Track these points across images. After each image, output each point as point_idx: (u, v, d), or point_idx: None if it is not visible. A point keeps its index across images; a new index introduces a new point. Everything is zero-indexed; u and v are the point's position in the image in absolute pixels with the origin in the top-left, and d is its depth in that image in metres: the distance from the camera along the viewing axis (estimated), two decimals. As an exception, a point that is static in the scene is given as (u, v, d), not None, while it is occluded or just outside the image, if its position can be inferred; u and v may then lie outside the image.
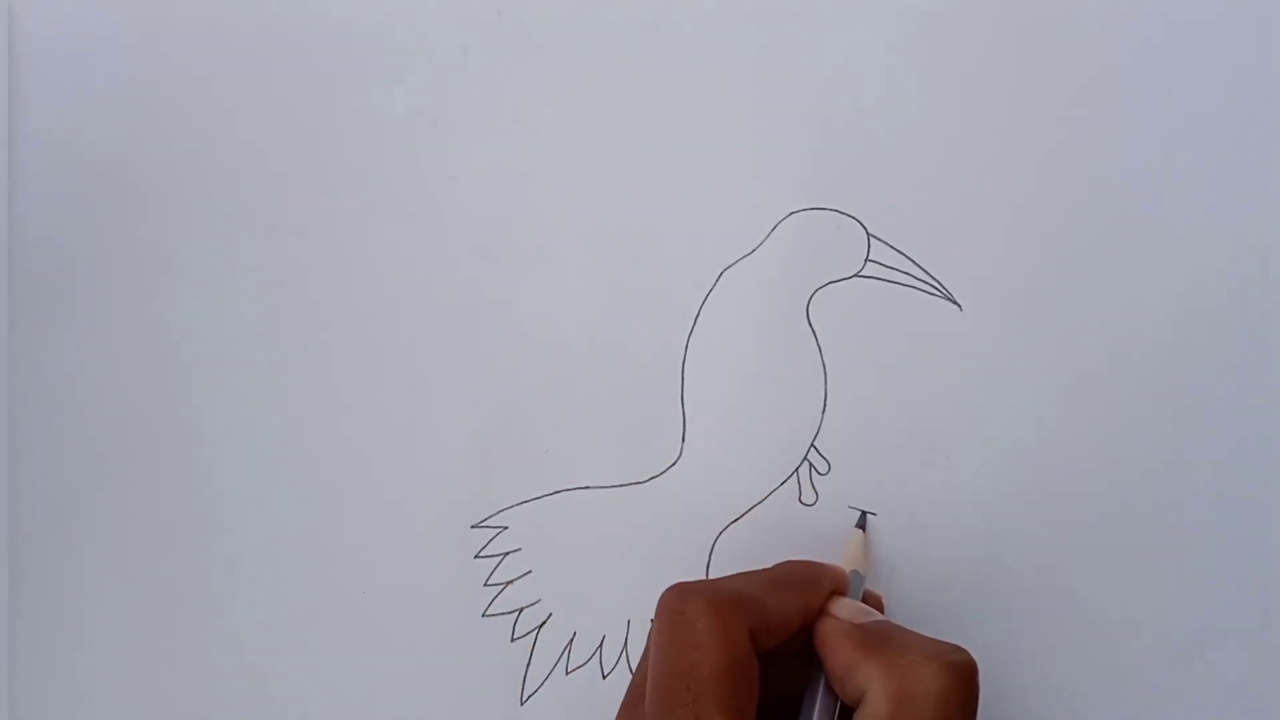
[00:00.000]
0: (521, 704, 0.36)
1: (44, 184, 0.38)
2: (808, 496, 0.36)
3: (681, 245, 0.36)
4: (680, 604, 0.28)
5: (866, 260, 0.36)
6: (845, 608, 0.30)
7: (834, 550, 0.35)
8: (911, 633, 0.29)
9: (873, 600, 0.34)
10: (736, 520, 0.36)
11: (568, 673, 0.36)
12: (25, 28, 0.38)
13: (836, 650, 0.29)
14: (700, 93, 0.36)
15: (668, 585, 0.29)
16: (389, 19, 0.37)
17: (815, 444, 0.36)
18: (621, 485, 0.36)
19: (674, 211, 0.36)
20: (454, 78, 0.37)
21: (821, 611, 0.30)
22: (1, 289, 0.38)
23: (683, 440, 0.36)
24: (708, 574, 0.36)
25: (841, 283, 0.36)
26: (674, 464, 0.36)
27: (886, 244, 0.36)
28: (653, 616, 0.29)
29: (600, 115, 0.36)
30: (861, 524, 0.35)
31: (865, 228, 0.36)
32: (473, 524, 0.36)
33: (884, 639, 0.28)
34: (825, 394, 0.36)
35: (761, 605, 0.29)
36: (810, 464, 0.36)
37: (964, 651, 0.28)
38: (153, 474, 0.37)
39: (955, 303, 0.36)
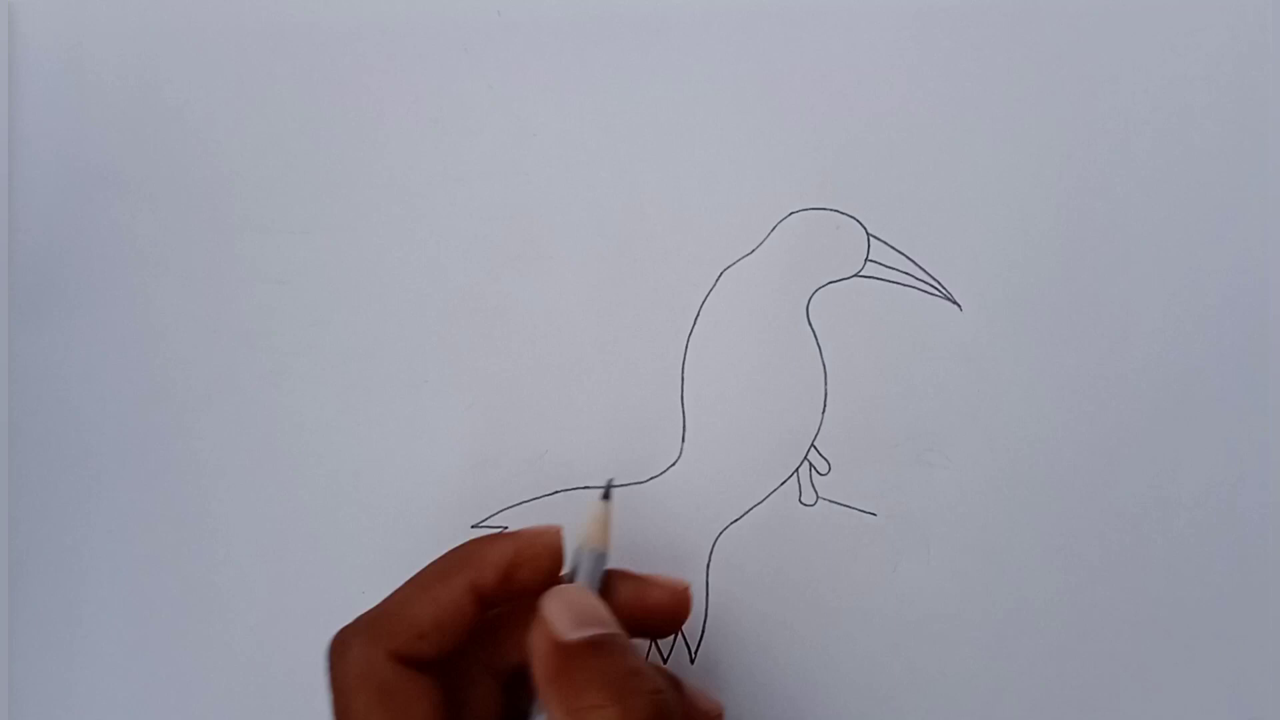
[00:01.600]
0: (521, 704, 0.36)
1: (44, 185, 0.38)
2: (808, 496, 0.36)
3: (681, 245, 0.36)
4: (331, 648, 0.27)
5: (866, 260, 0.36)
6: (556, 607, 0.26)
7: (833, 550, 0.35)
8: (617, 657, 0.25)
9: (626, 588, 0.29)
10: (736, 520, 0.36)
11: (568, 673, 0.36)
12: (25, 28, 0.38)
13: (535, 669, 0.25)
14: (700, 93, 0.36)
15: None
16: (389, 19, 0.37)
17: (815, 444, 0.36)
18: (621, 485, 0.36)
19: (674, 211, 0.36)
20: (454, 77, 0.37)
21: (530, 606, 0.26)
22: (1, 289, 0.38)
23: (683, 440, 0.36)
24: (707, 574, 0.36)
25: (841, 283, 0.36)
26: (674, 464, 0.36)
27: (886, 244, 0.36)
28: None
29: (600, 115, 0.36)
30: (606, 493, 0.31)
31: (865, 228, 0.36)
32: (473, 524, 0.36)
33: (572, 667, 0.24)
34: (825, 394, 0.36)
35: (406, 615, 0.27)
36: (810, 464, 0.36)
37: (660, 693, 0.24)
38: (152, 474, 0.37)
39: (955, 303, 0.36)
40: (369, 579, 0.37)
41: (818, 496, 0.36)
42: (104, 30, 0.38)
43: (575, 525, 0.30)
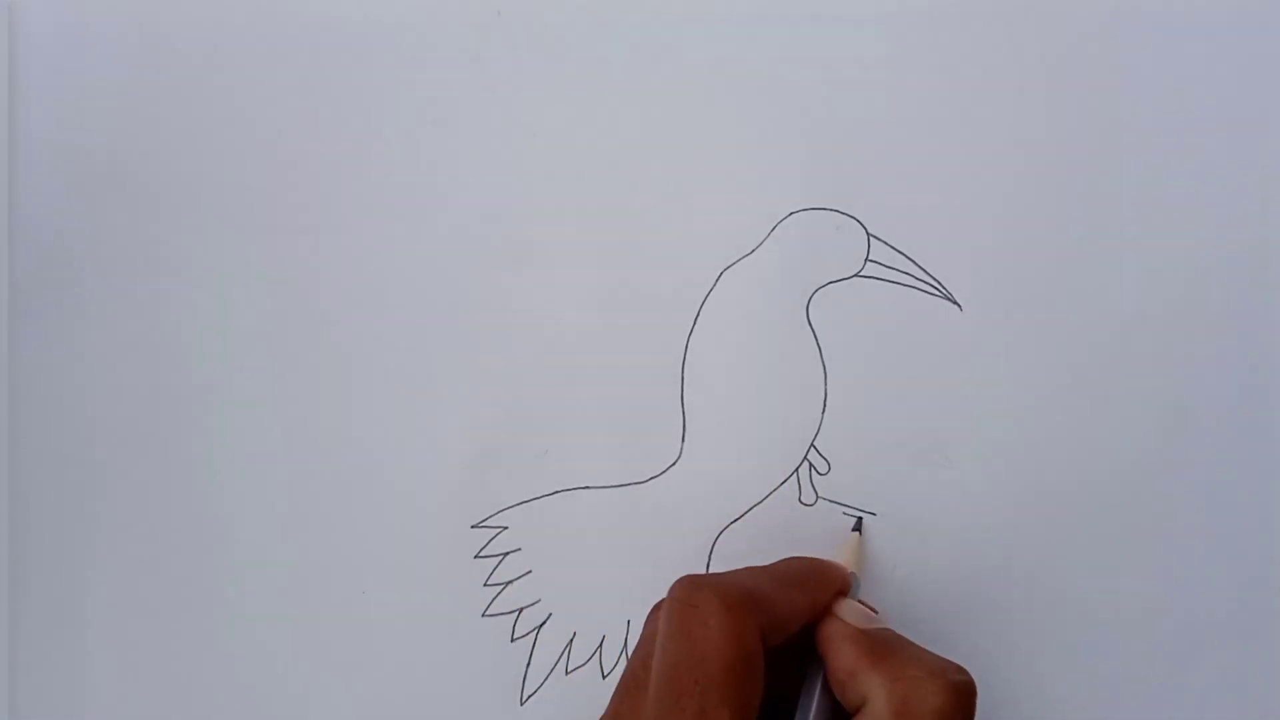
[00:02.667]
0: (521, 704, 0.36)
1: (45, 183, 0.38)
2: (808, 496, 0.36)
3: (681, 245, 0.36)
4: (692, 597, 0.28)
5: (866, 260, 0.36)
6: (851, 610, 0.30)
7: (831, 552, 0.35)
8: (915, 645, 0.29)
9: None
10: (736, 520, 0.36)
11: (568, 673, 0.36)
12: (25, 28, 0.38)
13: (841, 654, 0.29)
14: (701, 93, 0.36)
15: (669, 585, 0.29)
16: (390, 20, 0.37)
17: (815, 444, 0.36)
18: (621, 485, 0.36)
19: (674, 211, 0.36)
20: (455, 78, 0.37)
21: (826, 611, 0.30)
22: (2, 288, 0.38)
23: (683, 440, 0.36)
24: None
25: (841, 283, 0.36)
26: (674, 464, 0.36)
27: (886, 244, 0.36)
28: (659, 604, 0.29)
29: (601, 115, 0.36)
30: (858, 528, 0.35)
31: (865, 228, 0.36)
32: (473, 524, 0.36)
33: (889, 649, 0.29)
34: (825, 394, 0.36)
35: (770, 603, 0.29)
36: (810, 464, 0.36)
37: (966, 672, 0.28)
38: (153, 473, 0.37)
39: (955, 303, 0.36)
40: (369, 579, 0.37)
41: (818, 496, 0.36)
42: (105, 29, 0.38)
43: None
